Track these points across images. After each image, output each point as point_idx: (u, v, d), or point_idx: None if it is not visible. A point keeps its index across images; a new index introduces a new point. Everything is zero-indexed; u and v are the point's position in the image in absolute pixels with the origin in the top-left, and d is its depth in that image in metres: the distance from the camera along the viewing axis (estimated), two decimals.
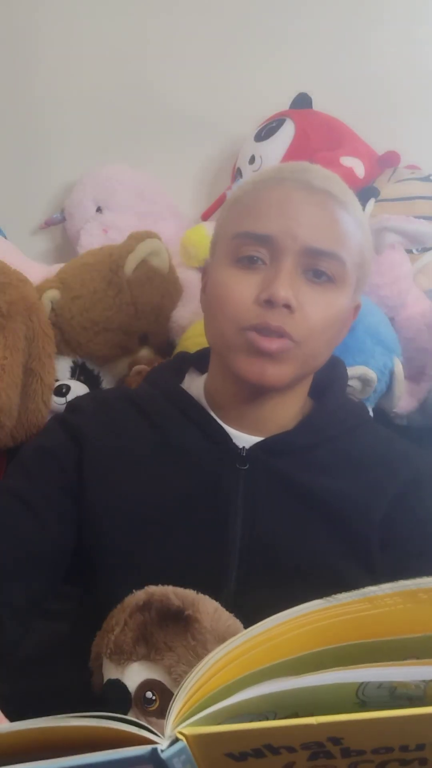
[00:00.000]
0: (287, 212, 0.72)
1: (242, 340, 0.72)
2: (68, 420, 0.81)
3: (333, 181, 0.76)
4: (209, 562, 0.72)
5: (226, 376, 0.77)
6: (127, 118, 1.46)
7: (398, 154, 1.32)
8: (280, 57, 1.43)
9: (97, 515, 0.75)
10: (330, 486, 0.77)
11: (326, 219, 0.73)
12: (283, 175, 0.75)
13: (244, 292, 0.72)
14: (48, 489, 0.76)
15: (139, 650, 0.57)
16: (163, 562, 0.68)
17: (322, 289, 0.73)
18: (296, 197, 0.73)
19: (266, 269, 0.72)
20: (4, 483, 0.79)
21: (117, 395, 0.86)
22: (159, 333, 1.13)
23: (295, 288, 0.71)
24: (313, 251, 0.72)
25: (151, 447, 0.78)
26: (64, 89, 1.47)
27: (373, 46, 1.43)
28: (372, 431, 0.85)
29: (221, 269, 0.75)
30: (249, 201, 0.75)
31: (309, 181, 0.73)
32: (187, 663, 0.55)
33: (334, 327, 0.75)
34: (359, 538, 0.76)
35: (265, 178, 0.76)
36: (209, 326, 0.78)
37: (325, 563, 0.74)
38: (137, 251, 1.06)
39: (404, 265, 1.14)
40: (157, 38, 1.44)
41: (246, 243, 0.73)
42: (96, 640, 0.62)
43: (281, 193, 0.73)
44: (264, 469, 0.77)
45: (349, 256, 0.74)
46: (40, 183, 1.49)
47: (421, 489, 0.80)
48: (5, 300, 0.92)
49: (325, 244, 0.72)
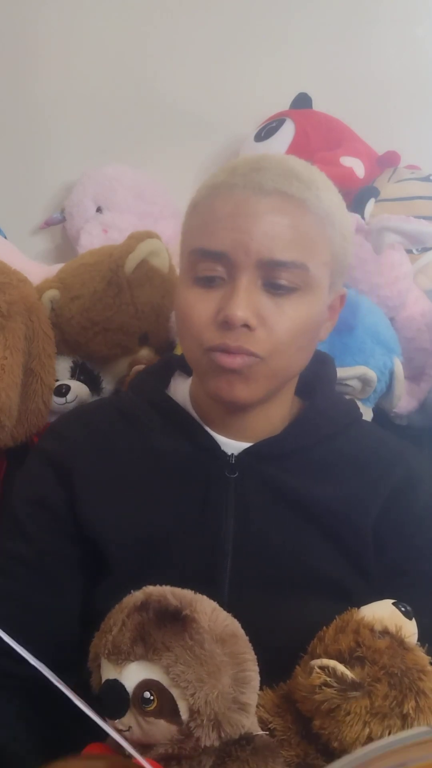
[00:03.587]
0: (238, 224, 0.68)
1: (207, 360, 0.70)
2: (55, 457, 0.78)
3: (290, 177, 0.69)
4: (202, 573, 0.71)
5: (206, 393, 0.75)
6: (128, 118, 1.47)
7: (398, 154, 1.32)
8: (280, 57, 1.44)
9: (93, 541, 0.74)
10: (322, 491, 0.76)
11: (281, 225, 0.68)
12: (235, 179, 0.69)
13: (203, 312, 0.70)
14: (49, 546, 0.75)
15: (137, 650, 0.57)
16: (157, 578, 0.64)
17: (286, 300, 0.69)
18: (247, 206, 0.68)
19: (224, 286, 0.70)
20: (5, 547, 0.76)
21: (102, 410, 0.84)
22: (159, 333, 1.13)
23: (254, 303, 0.68)
24: (269, 263, 0.68)
25: (140, 463, 0.77)
26: (65, 89, 1.47)
27: (373, 46, 1.43)
28: (363, 430, 0.84)
29: (183, 286, 0.73)
30: (203, 211, 0.71)
31: (260, 183, 0.68)
32: (185, 663, 0.55)
33: (304, 335, 0.72)
34: (353, 543, 0.75)
35: (218, 183, 0.71)
36: (182, 343, 0.76)
37: (319, 570, 0.74)
38: (137, 251, 1.06)
39: (404, 265, 1.14)
40: (158, 38, 1.44)
41: (201, 260, 0.70)
42: (94, 640, 0.61)
43: (232, 203, 0.69)
44: (254, 477, 0.76)
45: (312, 259, 0.69)
46: (40, 183, 1.49)
47: (415, 488, 0.79)
48: (5, 300, 0.92)
49: (282, 254, 0.68)
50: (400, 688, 0.58)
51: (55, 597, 0.73)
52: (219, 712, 0.55)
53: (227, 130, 1.45)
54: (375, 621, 0.63)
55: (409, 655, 0.61)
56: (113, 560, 0.73)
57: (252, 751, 0.57)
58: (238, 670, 0.58)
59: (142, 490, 0.76)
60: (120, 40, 1.44)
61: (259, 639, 0.61)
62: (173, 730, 0.56)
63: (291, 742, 0.62)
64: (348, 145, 1.33)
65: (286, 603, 0.71)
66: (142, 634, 0.57)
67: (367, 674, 0.59)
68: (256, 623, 0.61)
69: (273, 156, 0.74)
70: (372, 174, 1.32)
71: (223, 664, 0.57)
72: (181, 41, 1.44)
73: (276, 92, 1.40)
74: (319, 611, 0.67)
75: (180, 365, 0.87)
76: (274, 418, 0.78)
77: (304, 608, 0.70)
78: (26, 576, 0.74)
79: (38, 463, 0.80)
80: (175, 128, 1.46)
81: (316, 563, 0.74)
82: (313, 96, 1.39)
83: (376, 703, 0.58)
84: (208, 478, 0.76)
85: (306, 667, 0.62)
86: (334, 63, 1.43)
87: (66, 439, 0.80)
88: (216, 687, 0.55)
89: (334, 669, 0.59)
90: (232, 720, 0.56)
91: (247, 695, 0.57)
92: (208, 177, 0.75)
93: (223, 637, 0.58)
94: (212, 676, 0.55)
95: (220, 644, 0.58)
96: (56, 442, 0.80)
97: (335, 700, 0.58)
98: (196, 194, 0.74)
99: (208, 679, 0.55)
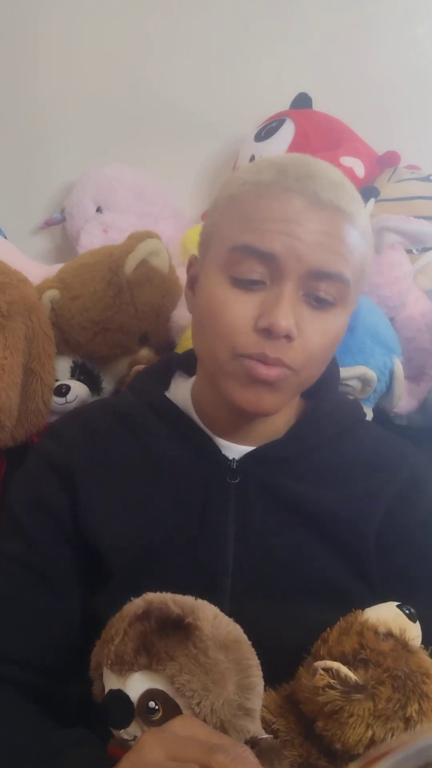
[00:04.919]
0: (292, 230, 0.65)
1: (237, 366, 0.68)
2: (56, 458, 0.77)
3: (340, 189, 0.68)
4: (203, 580, 0.70)
5: (216, 394, 0.73)
6: (128, 118, 1.46)
7: (398, 154, 1.32)
8: (280, 57, 1.43)
9: (93, 546, 0.73)
10: (325, 496, 0.75)
11: (332, 237, 0.67)
12: (288, 183, 0.67)
13: (241, 314, 0.67)
14: (50, 548, 0.74)
15: (141, 660, 0.56)
16: (158, 585, 0.63)
17: (322, 313, 0.68)
18: (302, 213, 0.66)
19: (266, 290, 0.67)
20: (4, 548, 0.74)
21: (101, 412, 0.82)
22: (159, 333, 1.13)
23: (296, 313, 0.66)
24: (317, 274, 0.66)
25: (140, 468, 0.76)
26: (65, 89, 1.46)
27: (373, 46, 1.43)
28: (367, 432, 0.83)
29: (215, 281, 0.69)
30: (249, 208, 0.68)
31: (317, 193, 0.66)
32: (190, 672, 0.55)
33: (332, 348, 0.71)
34: (356, 548, 0.74)
35: (267, 182, 0.68)
36: (200, 342, 0.73)
37: (321, 576, 0.73)
38: (137, 251, 1.06)
39: (404, 265, 1.14)
40: (158, 38, 1.44)
41: (245, 259, 0.67)
42: (95, 649, 0.61)
43: (286, 207, 0.66)
44: (255, 482, 0.74)
45: (352, 274, 0.69)
46: (40, 183, 1.49)
47: (420, 491, 0.78)
48: (5, 300, 0.92)
49: (330, 266, 0.67)
50: (404, 691, 0.58)
51: (53, 599, 0.72)
52: (225, 720, 0.55)
53: (227, 130, 1.44)
54: (379, 623, 0.63)
55: (413, 658, 0.61)
56: (113, 566, 0.72)
57: (257, 754, 0.57)
58: (242, 676, 0.57)
59: (141, 495, 0.74)
60: (120, 40, 1.44)
61: (261, 645, 0.60)
62: None
63: (294, 743, 0.62)
64: (348, 145, 1.32)
65: (288, 609, 0.70)
66: (144, 644, 0.57)
67: (370, 677, 0.59)
68: (258, 629, 0.60)
69: (319, 161, 0.72)
70: (372, 174, 1.32)
71: (227, 671, 0.56)
72: (181, 41, 1.44)
73: (276, 92, 1.39)
74: (321, 617, 0.66)
75: (181, 365, 0.86)
76: (278, 420, 0.77)
77: (307, 615, 0.69)
78: (24, 577, 0.73)
79: (38, 464, 0.78)
80: (175, 128, 1.45)
81: (319, 570, 0.73)
82: (313, 96, 1.39)
83: (380, 705, 0.57)
84: (209, 484, 0.74)
85: (309, 668, 0.62)
86: (334, 63, 1.43)
87: (66, 440, 0.78)
88: (221, 695, 0.55)
89: (337, 671, 0.59)
90: (238, 726, 0.56)
91: (252, 701, 0.57)
92: (242, 172, 0.72)
93: (227, 644, 0.57)
94: (217, 684, 0.55)
95: (224, 651, 0.57)
96: (56, 442, 0.79)
97: (338, 702, 0.58)
98: (234, 187, 0.71)
99: (213, 687, 0.55)
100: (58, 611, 0.72)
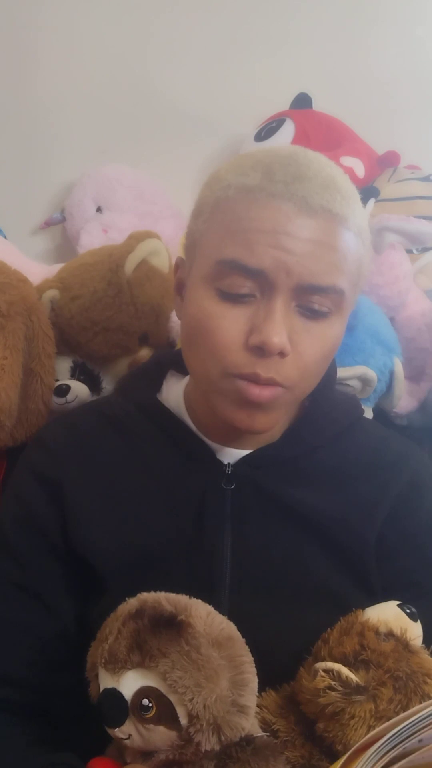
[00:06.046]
0: (281, 242, 0.62)
1: (229, 385, 0.65)
2: (42, 470, 0.75)
3: (332, 189, 0.64)
4: (199, 589, 0.67)
5: (209, 407, 0.70)
6: (127, 118, 1.46)
7: (398, 154, 1.32)
8: (280, 57, 1.43)
9: (85, 560, 0.71)
10: (324, 499, 0.73)
11: (324, 247, 0.63)
12: (275, 188, 0.63)
13: (231, 330, 0.64)
14: (40, 565, 0.72)
15: (134, 658, 0.56)
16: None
17: (316, 324, 0.65)
18: (291, 222, 0.62)
19: (256, 302, 0.64)
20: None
21: (91, 418, 0.79)
22: (159, 333, 1.12)
23: (288, 326, 0.63)
24: (309, 288, 0.63)
25: (131, 474, 0.74)
26: (65, 89, 1.46)
27: (373, 46, 1.43)
28: (366, 431, 0.81)
29: (203, 294, 0.66)
30: (235, 217, 0.64)
31: (306, 198, 0.62)
32: (182, 668, 0.55)
33: (328, 358, 0.68)
34: (356, 552, 0.73)
35: (252, 187, 0.64)
36: (191, 356, 0.70)
37: (320, 582, 0.71)
38: (137, 251, 1.05)
39: (404, 265, 1.14)
40: (158, 38, 1.44)
41: (233, 273, 0.63)
42: (91, 650, 0.61)
43: (274, 216, 0.62)
44: (252, 488, 0.73)
45: (348, 281, 0.66)
46: (40, 183, 1.49)
47: (421, 493, 0.77)
48: (5, 300, 0.92)
49: (323, 279, 0.63)
50: (405, 692, 0.58)
51: (46, 617, 0.71)
52: (218, 716, 0.55)
53: (227, 130, 1.44)
54: (380, 623, 0.63)
55: (414, 658, 0.61)
56: (106, 578, 0.70)
57: (253, 751, 0.57)
58: (235, 672, 0.57)
59: (133, 504, 0.72)
60: (120, 39, 1.44)
61: (259, 651, 0.59)
62: (173, 735, 0.56)
63: (295, 744, 0.62)
64: (348, 145, 1.33)
65: (286, 616, 0.69)
66: (138, 642, 0.57)
67: (371, 678, 0.59)
68: (258, 637, 0.60)
69: (309, 156, 0.67)
70: (372, 174, 1.32)
71: (220, 668, 0.56)
72: (181, 41, 1.43)
73: (276, 92, 1.39)
74: (323, 624, 0.66)
75: (173, 363, 0.83)
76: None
77: (305, 620, 0.68)
78: (15, 596, 0.71)
79: (25, 479, 0.76)
80: (175, 128, 1.45)
81: (318, 576, 0.71)
82: (313, 96, 1.39)
83: (381, 706, 0.57)
84: (204, 490, 0.73)
85: (310, 669, 0.62)
86: (334, 63, 1.43)
87: (53, 449, 0.76)
88: (214, 691, 0.55)
89: (338, 672, 0.59)
90: (232, 723, 0.56)
91: (245, 698, 0.57)
92: (226, 171, 0.68)
93: (220, 641, 0.58)
94: (210, 681, 0.55)
95: (217, 648, 0.57)
96: (42, 452, 0.77)
97: (339, 704, 0.58)
98: (219, 190, 0.67)
99: (205, 683, 0.55)
100: (48, 628, 0.71)
